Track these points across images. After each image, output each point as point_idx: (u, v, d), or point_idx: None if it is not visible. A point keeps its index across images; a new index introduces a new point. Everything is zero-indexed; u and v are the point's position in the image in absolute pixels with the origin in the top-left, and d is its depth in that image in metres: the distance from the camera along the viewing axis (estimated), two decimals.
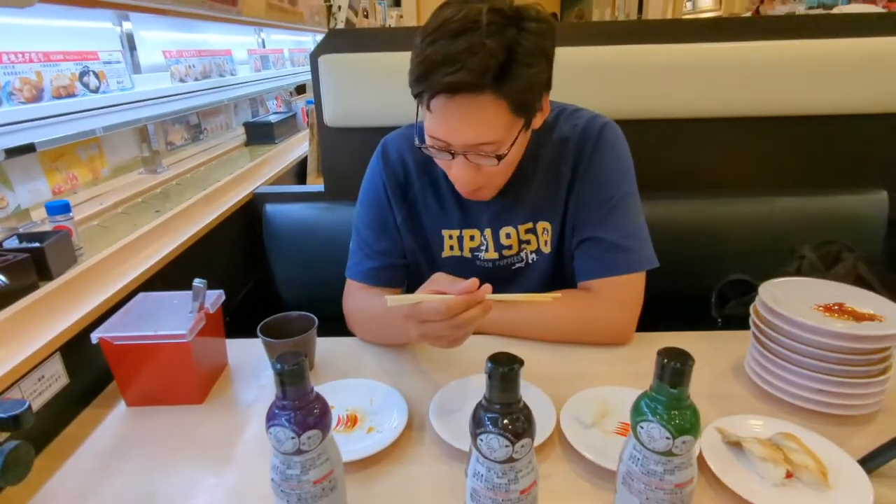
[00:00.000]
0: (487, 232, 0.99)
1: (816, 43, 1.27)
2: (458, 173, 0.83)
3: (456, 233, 1.01)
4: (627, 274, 0.93)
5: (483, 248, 1.00)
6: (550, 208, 0.97)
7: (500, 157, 0.79)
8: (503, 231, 0.99)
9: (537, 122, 0.86)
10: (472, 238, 1.00)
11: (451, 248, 1.02)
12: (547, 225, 0.98)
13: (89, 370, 0.86)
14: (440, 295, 0.71)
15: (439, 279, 0.75)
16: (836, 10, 3.47)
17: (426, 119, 0.80)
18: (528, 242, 1.00)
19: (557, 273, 1.01)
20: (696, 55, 1.29)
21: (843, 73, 1.29)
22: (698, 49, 1.29)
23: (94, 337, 0.78)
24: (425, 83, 0.74)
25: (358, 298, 1.01)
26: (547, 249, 0.99)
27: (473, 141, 0.78)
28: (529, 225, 0.98)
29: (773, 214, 1.35)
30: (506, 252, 1.00)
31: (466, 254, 1.01)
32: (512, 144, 0.80)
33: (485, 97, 0.74)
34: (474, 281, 0.70)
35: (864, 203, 1.36)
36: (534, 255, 1.00)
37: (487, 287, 0.71)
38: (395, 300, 0.73)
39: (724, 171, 1.41)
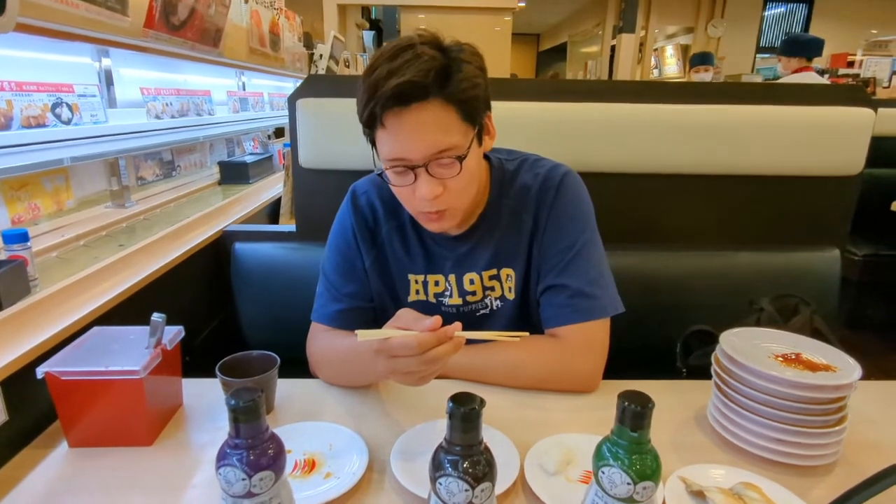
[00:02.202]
0: (451, 277, 1.00)
1: (772, 109, 1.36)
2: (424, 190, 0.82)
3: (421, 277, 1.01)
4: (592, 320, 0.94)
5: (447, 293, 1.01)
6: (513, 255, 0.98)
7: (461, 159, 0.82)
8: (466, 277, 0.99)
9: (488, 144, 0.91)
10: (436, 283, 1.01)
11: (417, 292, 1.02)
12: (510, 272, 0.99)
13: (32, 408, 0.82)
14: (410, 331, 0.71)
15: (404, 315, 0.76)
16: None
17: (382, 145, 0.83)
18: (492, 289, 1.00)
19: (524, 320, 1.01)
20: (663, 115, 1.36)
21: (796, 138, 1.37)
22: (665, 110, 1.36)
23: (40, 371, 0.74)
24: (374, 99, 0.78)
25: (323, 339, 0.99)
26: (511, 296, 1.00)
27: (433, 148, 0.80)
28: (493, 271, 0.99)
29: (733, 268, 1.40)
30: (470, 298, 1.00)
31: (431, 299, 1.02)
32: (469, 147, 0.83)
33: (433, 104, 0.78)
34: (437, 319, 0.70)
35: (818, 260, 1.41)
36: (498, 302, 1.01)
37: (457, 325, 0.71)
38: (366, 335, 0.73)
39: (687, 226, 1.46)
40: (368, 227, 1.01)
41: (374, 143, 0.86)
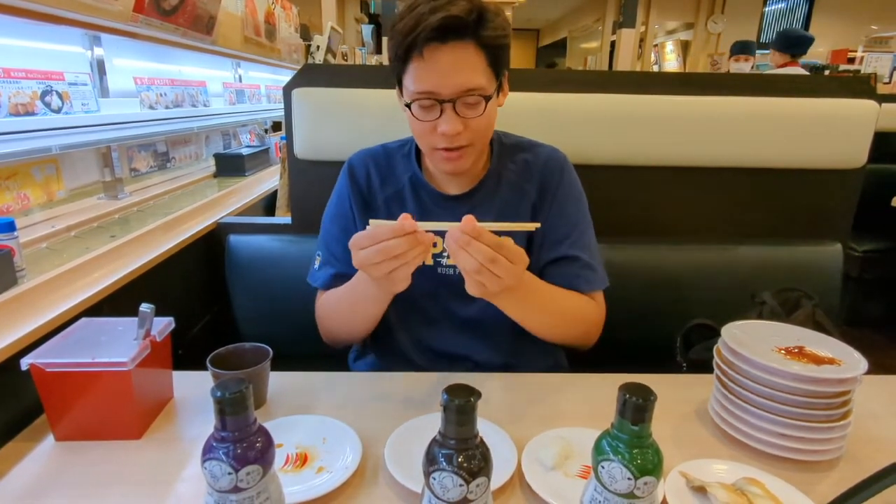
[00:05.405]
0: None
1: (776, 101, 1.34)
2: (448, 125, 0.86)
3: None
4: (599, 290, 1.02)
5: (445, 253, 1.02)
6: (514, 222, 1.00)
7: (487, 100, 0.87)
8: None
9: (502, 99, 0.95)
10: (434, 245, 1.01)
11: None
12: (509, 239, 0.99)
13: (17, 400, 0.80)
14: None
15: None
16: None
17: (414, 78, 0.86)
18: None
19: None
20: (665, 106, 1.33)
21: (799, 130, 1.35)
22: (667, 101, 1.33)
23: (24, 363, 0.72)
24: (416, 31, 0.81)
25: (326, 296, 1.03)
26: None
27: (463, 86, 0.84)
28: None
29: (735, 262, 1.38)
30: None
31: (429, 261, 1.02)
32: (494, 91, 0.88)
33: (468, 45, 0.84)
34: (405, 215, 0.75)
35: (820, 255, 1.40)
36: None
37: (413, 223, 0.74)
38: (376, 223, 0.76)
39: (687, 219, 1.44)
40: (364, 197, 1.05)
41: (400, 80, 0.89)
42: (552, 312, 0.96)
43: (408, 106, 0.89)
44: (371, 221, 0.76)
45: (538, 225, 0.80)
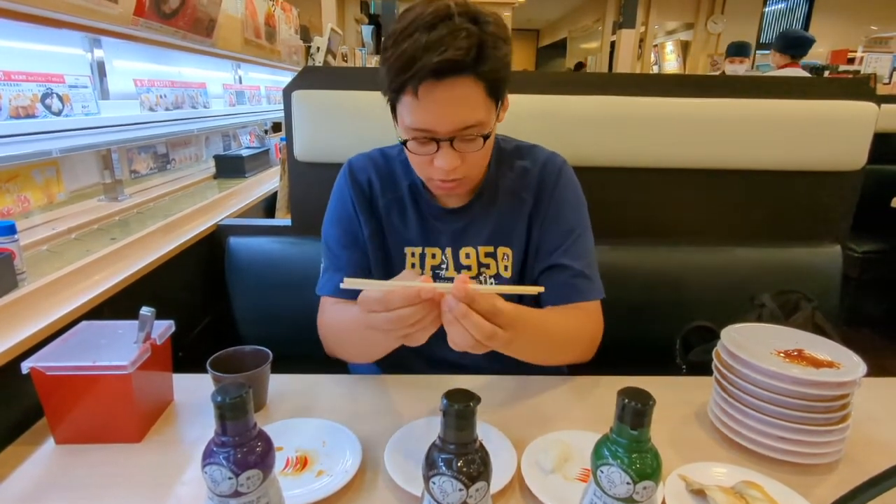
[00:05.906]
0: (448, 251, 1.00)
1: (775, 102, 1.34)
2: (444, 161, 0.83)
3: (418, 250, 1.01)
4: (593, 300, 0.97)
5: (444, 266, 1.01)
6: (511, 234, 1.00)
7: (485, 137, 0.84)
8: (463, 251, 1.00)
9: (502, 115, 0.91)
10: (433, 256, 1.01)
11: (413, 265, 1.02)
12: (507, 250, 1.00)
13: (18, 404, 0.80)
14: (397, 283, 0.68)
15: (407, 274, 0.75)
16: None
17: (409, 114, 0.82)
18: (486, 266, 1.01)
19: (517, 299, 1.00)
20: (663, 108, 1.33)
21: (798, 132, 1.35)
22: (665, 103, 1.33)
23: (25, 366, 0.72)
24: (411, 71, 0.76)
25: (331, 312, 0.98)
26: (507, 274, 1.00)
27: (461, 124, 0.81)
28: (490, 248, 1.00)
29: (734, 264, 1.38)
30: (465, 273, 1.00)
31: (427, 272, 1.02)
32: (492, 124, 0.85)
33: (465, 80, 0.78)
34: (426, 279, 0.68)
35: (820, 256, 1.40)
36: (492, 280, 1.01)
37: (432, 290, 0.66)
38: (351, 282, 0.69)
39: (687, 221, 1.44)
40: (366, 197, 1.02)
41: (394, 108, 0.86)
42: (543, 345, 0.91)
43: (403, 142, 0.86)
44: (346, 280, 0.69)
45: (541, 289, 0.74)
